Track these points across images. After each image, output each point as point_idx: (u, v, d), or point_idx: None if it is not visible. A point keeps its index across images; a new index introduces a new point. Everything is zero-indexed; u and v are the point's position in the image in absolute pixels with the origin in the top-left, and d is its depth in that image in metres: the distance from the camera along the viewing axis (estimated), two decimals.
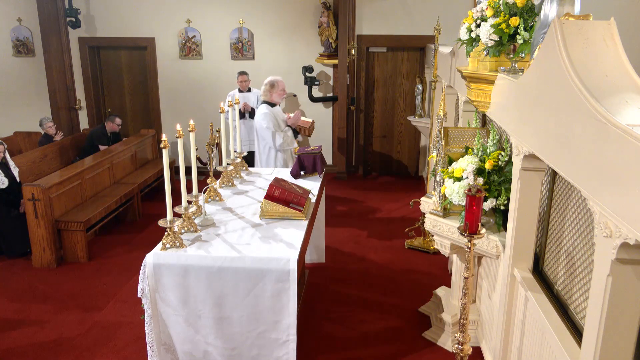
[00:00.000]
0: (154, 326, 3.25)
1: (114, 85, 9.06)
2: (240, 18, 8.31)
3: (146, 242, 5.97)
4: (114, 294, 4.87)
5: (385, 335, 4.22)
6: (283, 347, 3.25)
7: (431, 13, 7.70)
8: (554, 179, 2.91)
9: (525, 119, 2.63)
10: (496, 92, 3.12)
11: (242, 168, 4.75)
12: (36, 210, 5.27)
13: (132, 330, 4.25)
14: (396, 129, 8.65)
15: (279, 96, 5.98)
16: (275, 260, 3.12)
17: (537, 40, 2.70)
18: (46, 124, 7.54)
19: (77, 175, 5.89)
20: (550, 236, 2.96)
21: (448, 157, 3.66)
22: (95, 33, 8.60)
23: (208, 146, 3.92)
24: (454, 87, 4.88)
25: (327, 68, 8.41)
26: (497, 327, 3.33)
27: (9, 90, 8.88)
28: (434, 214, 3.64)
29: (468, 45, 3.39)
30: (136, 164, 7.50)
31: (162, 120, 8.86)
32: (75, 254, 5.56)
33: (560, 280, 2.77)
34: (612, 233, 1.74)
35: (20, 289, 4.99)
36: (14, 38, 8.66)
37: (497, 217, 3.39)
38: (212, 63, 8.53)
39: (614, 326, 1.88)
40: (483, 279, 3.95)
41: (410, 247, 5.86)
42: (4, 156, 5.64)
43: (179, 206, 3.37)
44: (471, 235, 2.70)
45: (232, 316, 3.21)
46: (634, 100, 1.86)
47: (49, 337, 4.18)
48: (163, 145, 3.10)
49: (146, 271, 3.17)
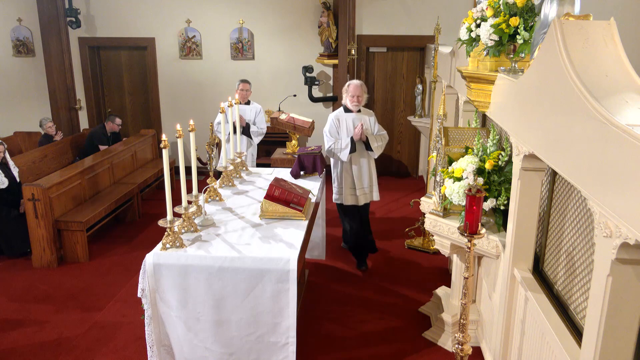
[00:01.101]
0: (154, 326, 3.25)
1: (114, 85, 9.06)
2: (240, 18, 8.31)
3: (146, 242, 5.97)
4: (114, 294, 4.87)
5: (385, 335, 4.22)
6: (282, 350, 3.25)
7: (431, 13, 7.70)
8: (554, 179, 2.91)
9: (525, 119, 2.63)
10: (496, 92, 3.12)
11: (242, 168, 4.75)
12: (36, 210, 5.27)
13: (132, 330, 4.25)
14: (396, 129, 8.64)
15: (350, 102, 5.07)
16: (275, 260, 3.12)
17: (537, 40, 2.70)
18: (46, 124, 7.55)
19: (77, 175, 5.89)
20: (550, 236, 2.96)
21: (448, 157, 3.66)
22: (96, 33, 8.60)
23: (208, 146, 3.92)
24: (454, 87, 4.88)
25: (327, 68, 8.41)
26: (497, 327, 3.33)
27: (9, 90, 8.88)
28: (434, 214, 3.64)
29: (468, 45, 3.39)
30: (136, 164, 7.50)
31: (162, 120, 8.86)
32: (75, 254, 5.56)
33: (560, 280, 2.77)
34: (612, 233, 1.74)
35: (20, 289, 4.99)
36: (14, 38, 8.66)
37: (497, 217, 3.39)
38: (212, 63, 8.53)
39: (614, 326, 1.87)
40: (483, 279, 3.95)
41: (410, 247, 5.85)
42: (4, 156, 5.64)
43: (179, 206, 3.37)
44: (471, 235, 2.70)
45: (230, 319, 3.20)
46: (634, 100, 1.86)
47: (49, 337, 4.18)
48: (163, 145, 3.10)
49: (146, 271, 3.17)
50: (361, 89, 5.01)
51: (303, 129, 6.12)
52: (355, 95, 4.97)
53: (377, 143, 5.08)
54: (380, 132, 5.16)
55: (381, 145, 5.13)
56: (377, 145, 5.07)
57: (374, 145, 5.04)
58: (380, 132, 5.17)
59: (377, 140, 5.09)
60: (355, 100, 4.98)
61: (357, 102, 5.00)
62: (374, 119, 5.16)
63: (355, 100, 4.98)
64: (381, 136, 5.14)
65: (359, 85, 5.01)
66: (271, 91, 8.46)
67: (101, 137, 7.52)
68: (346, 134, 5.04)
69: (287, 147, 6.37)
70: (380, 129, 5.18)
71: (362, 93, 5.01)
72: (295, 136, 6.23)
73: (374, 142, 5.05)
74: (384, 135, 5.18)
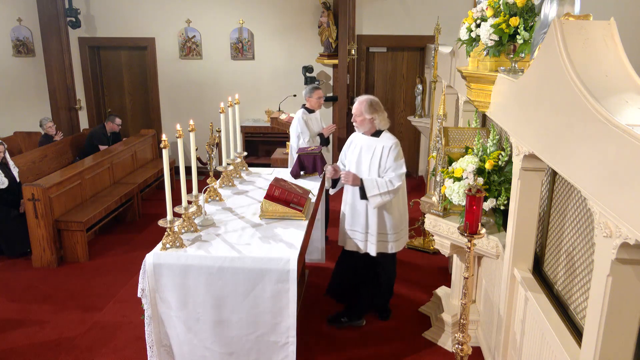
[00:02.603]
0: (154, 326, 3.24)
1: (114, 85, 9.06)
2: (240, 18, 8.31)
3: (146, 242, 5.97)
4: (114, 294, 4.87)
5: (385, 335, 4.22)
6: (282, 350, 3.24)
7: (431, 13, 7.70)
8: (554, 179, 2.91)
9: (525, 119, 2.63)
10: (496, 92, 3.12)
11: (242, 168, 4.75)
12: (36, 210, 5.27)
13: (132, 330, 4.25)
14: (396, 129, 8.64)
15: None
16: (275, 260, 3.12)
17: (537, 40, 2.70)
18: (46, 124, 7.54)
19: (77, 175, 5.89)
20: (550, 236, 2.96)
21: (448, 157, 3.66)
22: (95, 33, 8.60)
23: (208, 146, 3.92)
24: (454, 87, 4.88)
25: (327, 68, 8.41)
26: (497, 327, 3.33)
27: (9, 90, 8.88)
28: (434, 214, 3.64)
29: (468, 45, 3.39)
30: (136, 164, 7.50)
31: (162, 120, 8.86)
32: (75, 254, 5.56)
33: (560, 280, 2.77)
34: (612, 233, 1.74)
35: (20, 289, 4.99)
36: (14, 38, 8.66)
37: (497, 217, 3.39)
38: (212, 63, 8.53)
39: (614, 326, 1.87)
40: (483, 279, 3.95)
41: (410, 247, 5.86)
42: (4, 156, 5.64)
43: (179, 206, 3.37)
44: (471, 235, 2.70)
45: (230, 319, 3.20)
46: (634, 100, 1.86)
47: (49, 337, 4.18)
48: (163, 145, 3.10)
49: (146, 271, 3.16)
50: (360, 107, 3.94)
51: None
52: (353, 115, 4.01)
53: (377, 191, 3.83)
54: (390, 174, 3.88)
55: (383, 195, 3.83)
56: (375, 194, 3.83)
57: (370, 194, 3.85)
58: (390, 174, 3.88)
59: (378, 186, 3.83)
60: (354, 121, 4.01)
61: (357, 123, 3.99)
62: (390, 148, 3.90)
63: (354, 121, 4.01)
64: (387, 182, 3.84)
65: (360, 102, 3.96)
66: (271, 91, 8.46)
67: (101, 137, 7.52)
68: (352, 156, 4.05)
69: (287, 147, 6.37)
70: (395, 167, 3.88)
71: (361, 113, 3.93)
72: None
73: (373, 190, 3.83)
74: (391, 181, 3.84)
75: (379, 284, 4.25)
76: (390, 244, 4.08)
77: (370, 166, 3.98)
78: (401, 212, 4.11)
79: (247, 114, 8.49)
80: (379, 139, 4.00)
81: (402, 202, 4.11)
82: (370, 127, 4.01)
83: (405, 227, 4.23)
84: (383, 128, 4.03)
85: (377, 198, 3.84)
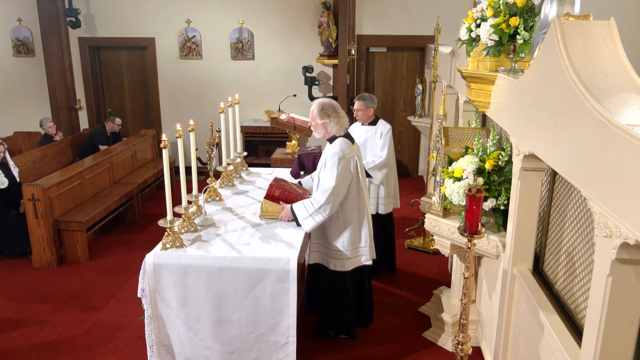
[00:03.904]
0: (154, 326, 3.25)
1: (114, 85, 9.05)
2: (240, 18, 8.31)
3: (146, 242, 5.97)
4: (114, 294, 4.87)
5: (385, 335, 4.22)
6: (282, 349, 3.25)
7: (431, 13, 7.69)
8: (554, 179, 2.91)
9: (525, 119, 2.63)
10: (496, 92, 3.12)
11: (242, 168, 4.75)
12: (36, 210, 5.27)
13: (132, 330, 4.25)
14: (396, 129, 8.64)
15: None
16: (275, 260, 3.12)
17: (537, 40, 2.70)
18: (46, 124, 7.54)
19: (77, 175, 5.89)
20: (550, 236, 2.96)
21: (448, 157, 3.66)
22: (95, 33, 8.60)
23: (208, 146, 3.92)
24: (454, 87, 4.88)
25: (327, 68, 8.41)
26: (497, 327, 3.33)
27: (9, 90, 8.88)
28: (434, 214, 3.64)
29: (468, 45, 3.39)
30: (136, 164, 7.50)
31: (162, 120, 8.86)
32: (75, 254, 5.55)
33: (560, 280, 2.77)
34: (612, 233, 1.74)
35: (20, 289, 4.99)
36: (14, 38, 8.66)
37: (497, 217, 3.39)
38: (212, 63, 8.53)
39: (614, 326, 1.88)
40: (483, 279, 3.95)
41: (410, 247, 5.86)
42: (4, 156, 5.64)
43: (179, 206, 3.37)
44: (471, 235, 2.70)
45: (231, 318, 3.20)
46: (634, 100, 1.86)
47: (49, 337, 4.18)
48: (163, 145, 3.10)
49: (146, 271, 3.17)
50: (311, 110, 3.70)
51: (303, 129, 6.12)
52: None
53: (306, 213, 3.53)
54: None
55: (314, 215, 3.51)
56: (306, 217, 3.53)
57: (301, 218, 3.55)
58: (316, 190, 3.61)
59: (306, 208, 3.53)
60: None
61: (312, 127, 3.80)
62: (328, 157, 3.61)
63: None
64: (311, 202, 3.54)
65: (314, 105, 3.70)
66: (271, 91, 8.46)
67: (101, 137, 7.52)
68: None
69: (287, 147, 6.37)
70: (323, 181, 3.57)
71: (313, 117, 3.68)
72: (295, 136, 6.23)
73: (303, 213, 3.54)
74: (315, 198, 3.55)
75: (332, 302, 3.94)
76: (334, 261, 3.75)
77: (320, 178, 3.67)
78: (352, 231, 3.68)
79: (247, 114, 8.49)
80: (330, 146, 3.68)
81: (351, 219, 3.67)
82: (324, 133, 3.70)
83: (362, 248, 3.76)
84: (337, 134, 3.66)
85: (309, 220, 3.52)
